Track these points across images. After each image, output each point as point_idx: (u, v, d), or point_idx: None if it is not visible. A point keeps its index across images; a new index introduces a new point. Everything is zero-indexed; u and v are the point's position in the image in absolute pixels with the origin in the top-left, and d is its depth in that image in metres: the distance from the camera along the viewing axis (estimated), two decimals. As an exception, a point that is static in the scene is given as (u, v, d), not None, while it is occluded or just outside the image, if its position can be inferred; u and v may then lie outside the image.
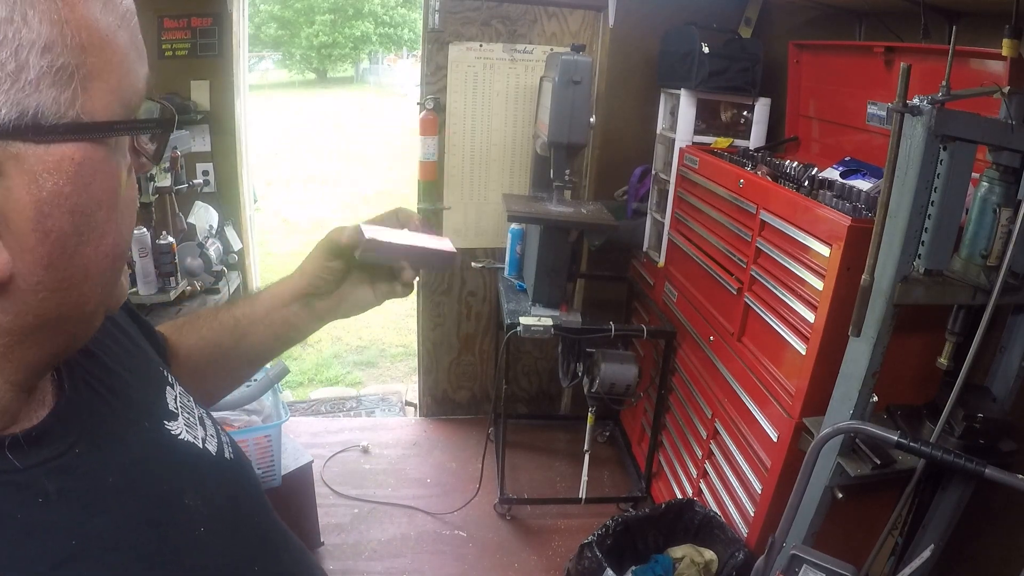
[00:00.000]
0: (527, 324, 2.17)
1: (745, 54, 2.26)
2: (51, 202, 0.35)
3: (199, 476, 0.53)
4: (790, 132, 2.36)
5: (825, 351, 1.53)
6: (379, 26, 21.46)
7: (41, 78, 0.33)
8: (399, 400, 3.45)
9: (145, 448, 0.50)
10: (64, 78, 0.34)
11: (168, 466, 0.51)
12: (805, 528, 1.46)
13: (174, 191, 2.42)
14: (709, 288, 2.14)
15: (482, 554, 2.34)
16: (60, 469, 0.41)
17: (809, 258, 1.59)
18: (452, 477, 2.73)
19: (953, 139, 1.17)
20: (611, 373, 2.22)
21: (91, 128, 0.36)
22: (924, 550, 1.42)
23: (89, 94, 0.36)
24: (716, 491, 2.06)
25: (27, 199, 0.34)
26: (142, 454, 0.49)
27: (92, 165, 0.37)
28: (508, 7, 2.58)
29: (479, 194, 2.80)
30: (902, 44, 1.80)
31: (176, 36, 2.61)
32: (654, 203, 2.64)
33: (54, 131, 0.34)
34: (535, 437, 3.02)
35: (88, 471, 0.42)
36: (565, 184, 2.25)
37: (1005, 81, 1.38)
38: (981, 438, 1.39)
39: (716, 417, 2.05)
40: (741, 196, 1.91)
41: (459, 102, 2.66)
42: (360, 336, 4.36)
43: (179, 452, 0.53)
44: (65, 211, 0.36)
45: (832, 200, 1.64)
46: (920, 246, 1.24)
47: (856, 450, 1.43)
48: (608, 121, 2.67)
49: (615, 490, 2.67)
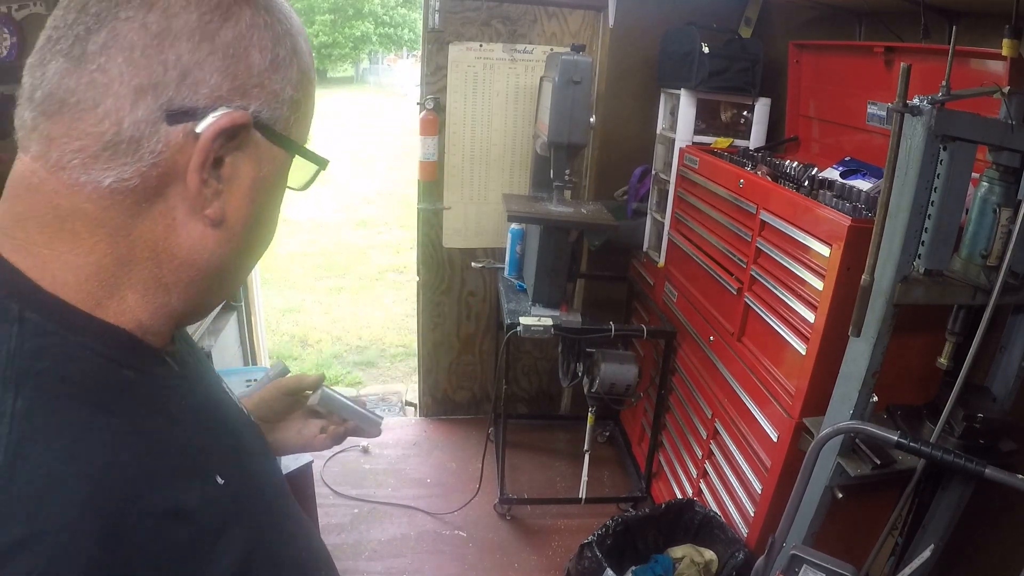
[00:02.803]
0: (527, 324, 2.17)
1: (745, 54, 2.26)
2: (261, 181, 0.49)
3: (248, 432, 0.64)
4: (790, 132, 2.36)
5: (825, 351, 1.53)
6: (379, 26, 21.46)
7: (285, 102, 0.49)
8: (399, 400, 3.45)
9: (220, 395, 0.61)
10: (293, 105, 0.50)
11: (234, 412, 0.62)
12: (805, 528, 1.46)
13: (174, 191, 2.42)
14: (709, 288, 2.14)
15: (482, 554, 2.34)
16: (186, 388, 0.52)
17: (809, 258, 1.59)
18: (452, 477, 2.73)
19: (953, 139, 1.17)
20: (611, 373, 2.22)
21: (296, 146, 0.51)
22: (924, 550, 1.42)
23: (297, 122, 0.51)
24: (716, 491, 2.06)
25: (249, 173, 0.48)
26: (220, 398, 0.61)
27: (284, 170, 0.52)
28: (508, 7, 2.58)
29: (479, 194, 2.80)
30: (902, 44, 1.80)
31: (176, 36, 2.61)
32: (654, 203, 2.64)
33: (279, 138, 0.49)
34: (535, 437, 3.02)
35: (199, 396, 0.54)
36: (565, 184, 2.25)
37: (1005, 81, 1.38)
38: (981, 438, 1.39)
39: (716, 417, 2.05)
40: (741, 196, 1.91)
41: (459, 102, 2.66)
42: (360, 336, 4.36)
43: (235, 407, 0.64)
44: (265, 192, 0.50)
45: (832, 200, 1.64)
46: (920, 246, 1.24)
47: (856, 450, 1.43)
48: (608, 121, 2.67)
49: (615, 490, 2.67)
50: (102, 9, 0.42)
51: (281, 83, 0.48)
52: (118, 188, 0.43)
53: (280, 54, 0.47)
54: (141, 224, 0.45)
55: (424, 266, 2.89)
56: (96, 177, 0.43)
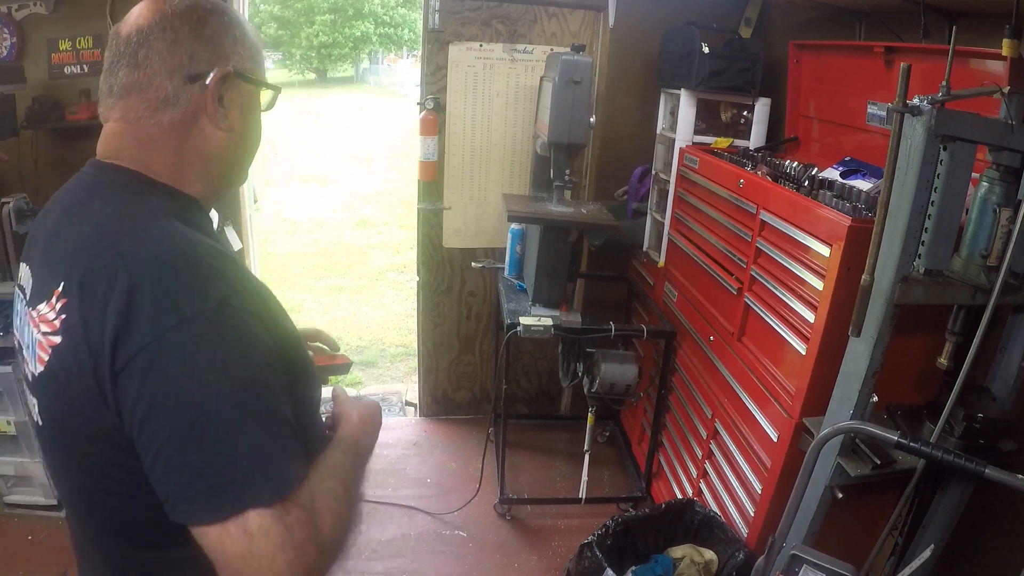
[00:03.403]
0: (527, 324, 2.17)
1: (745, 54, 2.26)
2: (245, 104, 0.83)
3: None
4: (790, 132, 2.36)
5: (825, 351, 1.53)
6: (379, 26, 21.46)
7: (247, 58, 0.82)
8: (399, 400, 3.45)
9: None
10: (251, 59, 0.83)
11: None
12: (805, 528, 1.46)
13: (174, 191, 2.43)
14: (709, 288, 2.14)
15: (482, 554, 2.34)
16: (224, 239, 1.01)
17: (809, 258, 1.59)
18: (452, 477, 2.73)
19: (953, 139, 1.17)
20: (611, 373, 2.22)
21: (258, 81, 0.85)
22: (924, 550, 1.42)
23: (256, 68, 0.84)
24: (716, 491, 2.06)
25: (237, 100, 0.82)
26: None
27: (256, 96, 0.86)
28: (508, 7, 2.58)
29: (479, 194, 2.80)
30: (902, 44, 1.80)
31: (176, 36, 2.61)
32: (654, 203, 2.64)
33: (247, 79, 0.82)
34: (535, 437, 3.02)
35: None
36: (565, 184, 2.25)
37: (1005, 81, 1.38)
38: (981, 438, 1.39)
39: (716, 417, 2.05)
40: (741, 196, 1.91)
41: (459, 102, 2.66)
42: (360, 336, 4.36)
43: None
44: (249, 109, 0.85)
45: (832, 200, 1.63)
46: (920, 246, 1.24)
47: (856, 450, 1.43)
48: (608, 121, 2.67)
49: (615, 490, 2.67)
50: (138, 40, 0.76)
51: (241, 49, 0.82)
52: (171, 123, 0.78)
53: (236, 34, 0.82)
54: (188, 140, 0.80)
55: (424, 266, 2.89)
56: (158, 120, 0.78)
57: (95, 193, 0.76)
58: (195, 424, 0.62)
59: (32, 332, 0.72)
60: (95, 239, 0.70)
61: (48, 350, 0.69)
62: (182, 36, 0.76)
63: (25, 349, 0.76)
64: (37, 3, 2.51)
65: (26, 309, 0.76)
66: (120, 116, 0.78)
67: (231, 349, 0.65)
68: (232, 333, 0.66)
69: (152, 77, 0.76)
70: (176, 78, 0.76)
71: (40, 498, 2.32)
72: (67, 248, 0.71)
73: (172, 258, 0.67)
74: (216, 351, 0.64)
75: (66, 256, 0.71)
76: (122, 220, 0.71)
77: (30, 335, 0.73)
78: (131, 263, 0.66)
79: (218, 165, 0.83)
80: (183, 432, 0.62)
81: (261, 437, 0.65)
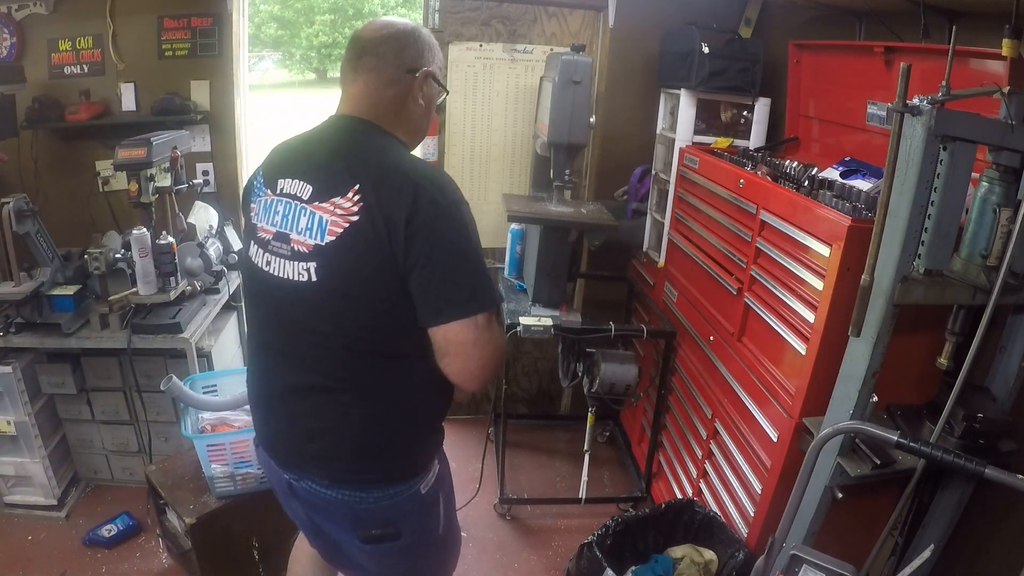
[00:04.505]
0: (527, 324, 2.17)
1: (745, 54, 2.26)
2: (432, 95, 1.27)
3: None
4: (790, 132, 2.36)
5: (825, 351, 1.53)
6: (379, 26, 21.43)
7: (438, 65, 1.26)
8: (399, 400, 3.44)
9: None
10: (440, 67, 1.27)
11: None
12: (805, 528, 1.46)
13: (174, 191, 2.42)
14: (709, 288, 2.14)
15: (482, 554, 2.34)
16: None
17: (809, 258, 1.59)
18: (452, 477, 2.72)
19: (953, 139, 1.17)
20: (611, 373, 2.22)
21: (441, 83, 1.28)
22: (924, 550, 1.42)
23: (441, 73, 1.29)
24: (716, 491, 2.06)
25: (430, 92, 1.26)
26: None
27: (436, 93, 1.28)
28: (508, 7, 2.58)
29: (479, 194, 2.80)
30: (902, 44, 1.80)
31: (176, 36, 2.61)
32: (654, 203, 2.64)
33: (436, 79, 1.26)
34: (535, 437, 3.02)
35: None
36: (565, 184, 2.25)
37: (1005, 81, 1.38)
38: (981, 438, 1.40)
39: (716, 417, 2.05)
40: (741, 196, 1.91)
41: (459, 102, 2.66)
42: (360, 336, 4.35)
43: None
44: (433, 99, 1.28)
45: (832, 200, 1.63)
46: (920, 246, 1.24)
47: (856, 450, 1.43)
48: (608, 121, 2.67)
49: (615, 490, 2.67)
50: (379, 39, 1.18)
51: (436, 60, 1.24)
52: (394, 96, 1.19)
53: (435, 50, 1.24)
54: (403, 108, 1.21)
55: (424, 266, 2.89)
56: (387, 94, 1.19)
57: (353, 130, 1.17)
58: (457, 262, 1.08)
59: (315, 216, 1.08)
60: (376, 159, 1.10)
61: (343, 225, 1.05)
62: (406, 44, 1.19)
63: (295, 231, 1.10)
64: (37, 3, 2.51)
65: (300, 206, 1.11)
66: (362, 87, 1.18)
67: (469, 224, 1.12)
68: (469, 215, 1.13)
69: (386, 66, 1.17)
70: (400, 70, 1.18)
71: (40, 498, 2.31)
72: (347, 163, 1.10)
73: (433, 173, 1.12)
74: (465, 223, 1.10)
75: (353, 168, 1.09)
76: (387, 149, 1.14)
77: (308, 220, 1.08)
78: (411, 173, 1.08)
79: (416, 127, 1.26)
80: (449, 266, 1.07)
81: (486, 273, 1.12)
